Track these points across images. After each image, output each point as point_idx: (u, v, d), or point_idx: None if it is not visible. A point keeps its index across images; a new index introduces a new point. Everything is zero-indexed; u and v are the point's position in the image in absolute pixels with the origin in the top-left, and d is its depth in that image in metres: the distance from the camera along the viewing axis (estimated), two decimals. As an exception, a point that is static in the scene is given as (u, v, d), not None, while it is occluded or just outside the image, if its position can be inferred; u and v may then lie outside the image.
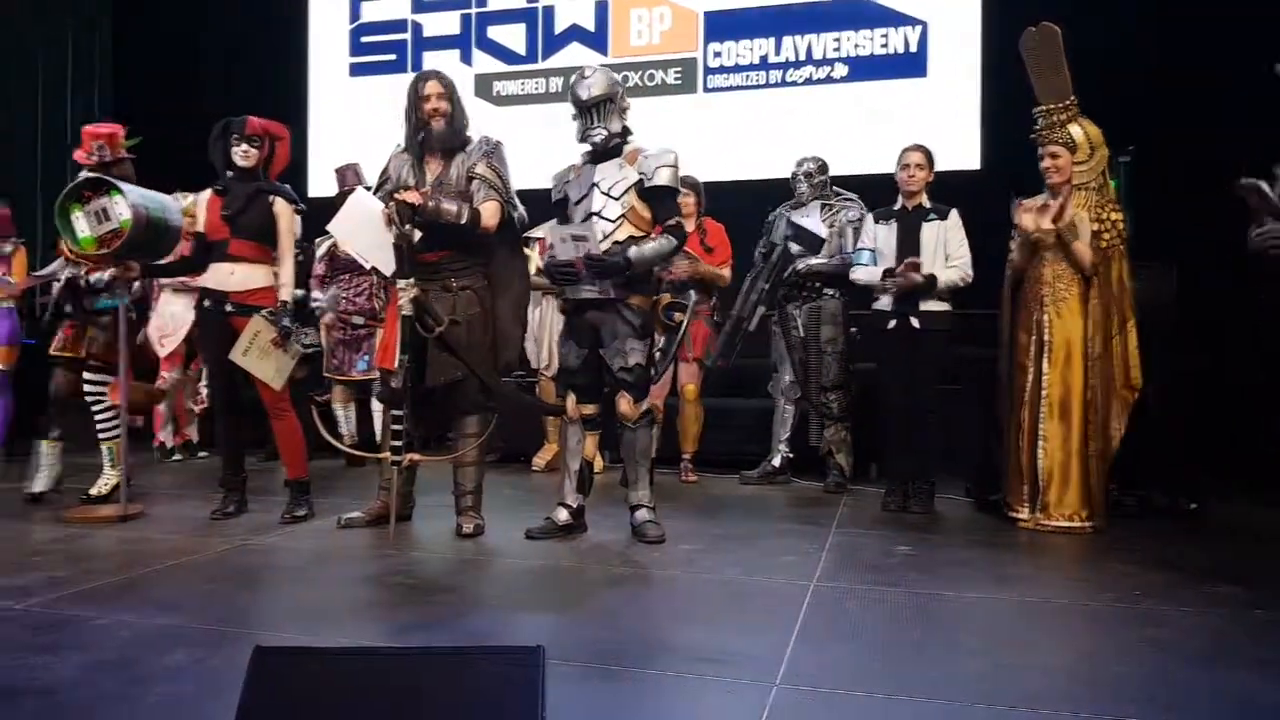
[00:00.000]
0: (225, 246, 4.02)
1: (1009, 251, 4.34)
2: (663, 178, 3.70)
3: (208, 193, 4.11)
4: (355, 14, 7.71)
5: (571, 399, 3.82)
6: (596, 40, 7.13)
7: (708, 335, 5.26)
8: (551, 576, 3.24)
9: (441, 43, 7.50)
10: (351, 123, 7.46)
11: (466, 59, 7.42)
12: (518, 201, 3.90)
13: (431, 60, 7.45)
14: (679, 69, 6.92)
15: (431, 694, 1.44)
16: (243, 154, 4.05)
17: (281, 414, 4.11)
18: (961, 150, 6.19)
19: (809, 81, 6.67)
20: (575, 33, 7.19)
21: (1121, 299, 4.10)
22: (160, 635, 2.46)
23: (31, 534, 3.78)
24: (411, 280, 3.67)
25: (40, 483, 4.37)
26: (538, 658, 1.47)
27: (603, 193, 3.73)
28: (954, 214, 4.45)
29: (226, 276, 4.02)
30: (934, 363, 4.46)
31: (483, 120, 6.52)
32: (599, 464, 5.58)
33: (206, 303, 4.07)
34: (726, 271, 5.26)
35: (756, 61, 6.78)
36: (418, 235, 3.66)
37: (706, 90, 6.87)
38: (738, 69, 6.82)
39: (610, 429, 3.93)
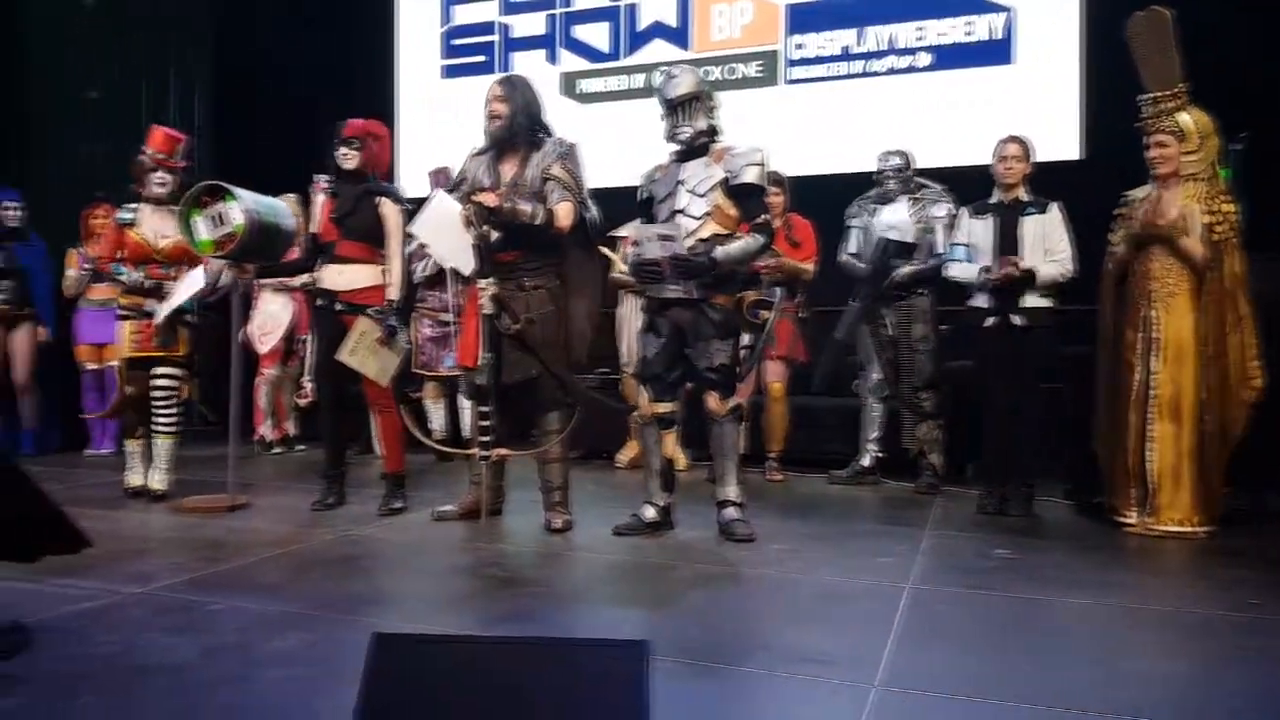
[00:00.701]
0: (334, 247, 4.15)
1: (1110, 245, 4.22)
2: (750, 175, 3.70)
3: (321, 196, 4.27)
4: (447, 17, 7.85)
5: (644, 396, 3.84)
6: (678, 36, 7.13)
7: (793, 332, 5.22)
8: (641, 572, 3.26)
9: (528, 43, 7.59)
10: (443, 124, 7.59)
11: (552, 58, 7.50)
12: (590, 202, 3.94)
13: (519, 60, 7.56)
14: (760, 62, 6.88)
15: (542, 683, 1.46)
16: (344, 156, 4.17)
17: (385, 409, 4.23)
18: (1056, 139, 6.00)
19: (892, 71, 6.56)
20: (657, 29, 7.20)
21: (1236, 293, 3.93)
22: (272, 620, 2.56)
23: (150, 524, 3.95)
24: (491, 279, 3.74)
25: (135, 478, 4.49)
26: (644, 652, 1.49)
27: (688, 190, 3.74)
28: (1055, 207, 4.33)
29: (336, 276, 4.16)
30: (1035, 361, 4.34)
31: (567, 118, 6.64)
32: (682, 462, 5.59)
33: (320, 301, 4.23)
34: (811, 267, 5.21)
35: (838, 53, 6.70)
36: (495, 235, 3.72)
37: (788, 82, 6.81)
38: (819, 60, 6.75)
39: (694, 427, 3.94)
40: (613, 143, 6.13)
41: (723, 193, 3.71)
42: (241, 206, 3.86)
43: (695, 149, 3.78)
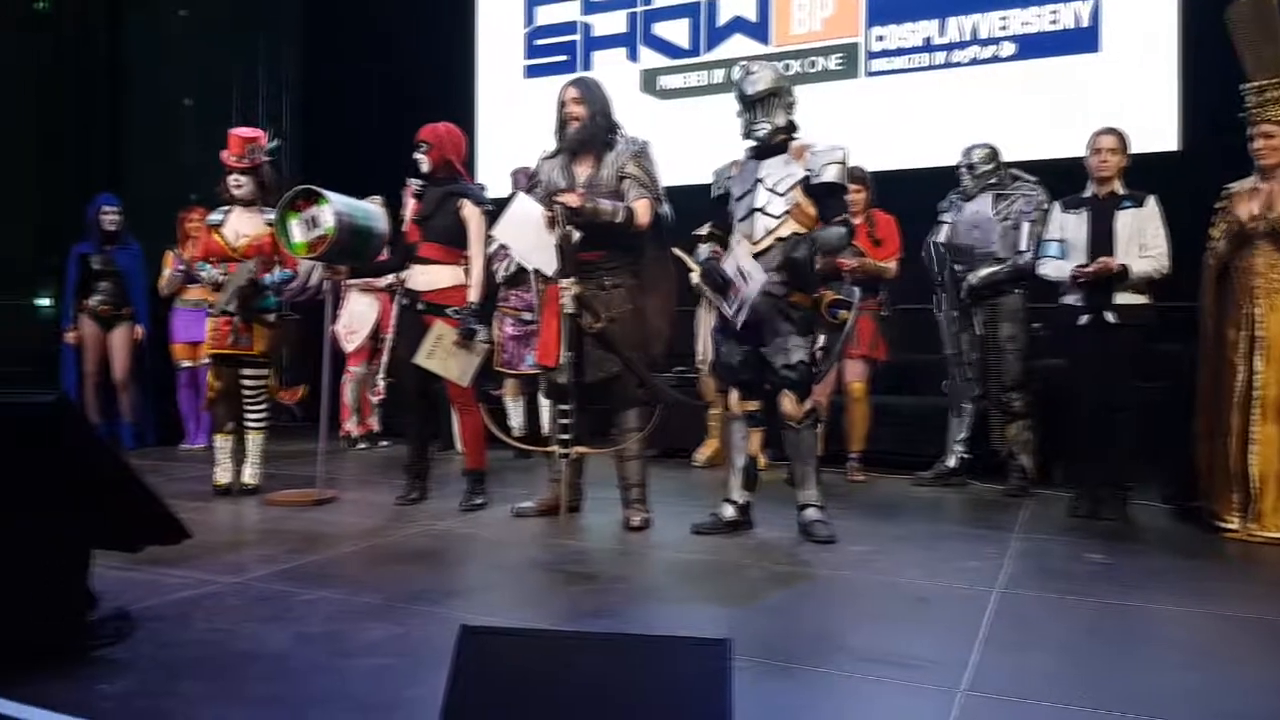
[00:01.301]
0: (416, 249, 4.24)
1: (1210, 240, 4.05)
2: (830, 174, 3.65)
3: (411, 199, 4.36)
4: (530, 18, 7.95)
5: (734, 395, 3.82)
6: (758, 30, 7.10)
7: (874, 331, 5.15)
8: (719, 571, 3.24)
9: (609, 41, 7.64)
10: (524, 124, 7.67)
11: (633, 56, 7.53)
12: (665, 199, 3.95)
13: (600, 59, 7.61)
14: (841, 54, 6.80)
15: (624, 679, 1.47)
16: (418, 160, 4.26)
17: (466, 408, 4.30)
18: (1150, 129, 5.78)
19: (974, 62, 6.42)
20: (738, 24, 7.18)
21: (1347, 290, 3.75)
22: (360, 611, 2.62)
23: (241, 517, 4.08)
24: (573, 279, 3.76)
25: (223, 475, 4.58)
26: (726, 650, 1.48)
27: (767, 189, 3.71)
28: (1152, 201, 4.18)
29: (419, 277, 4.24)
30: (1130, 360, 4.19)
31: (648, 114, 6.66)
32: (762, 461, 5.56)
33: (404, 301, 4.31)
34: (893, 265, 5.13)
35: (920, 44, 6.58)
36: (578, 236, 3.75)
37: (869, 75, 6.72)
38: (900, 52, 6.64)
39: (774, 427, 3.91)
40: (692, 139, 6.12)
41: (802, 191, 3.68)
42: (333, 210, 3.96)
43: (773, 146, 3.75)
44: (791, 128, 3.79)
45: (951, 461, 5.06)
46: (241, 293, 4.39)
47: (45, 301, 7.89)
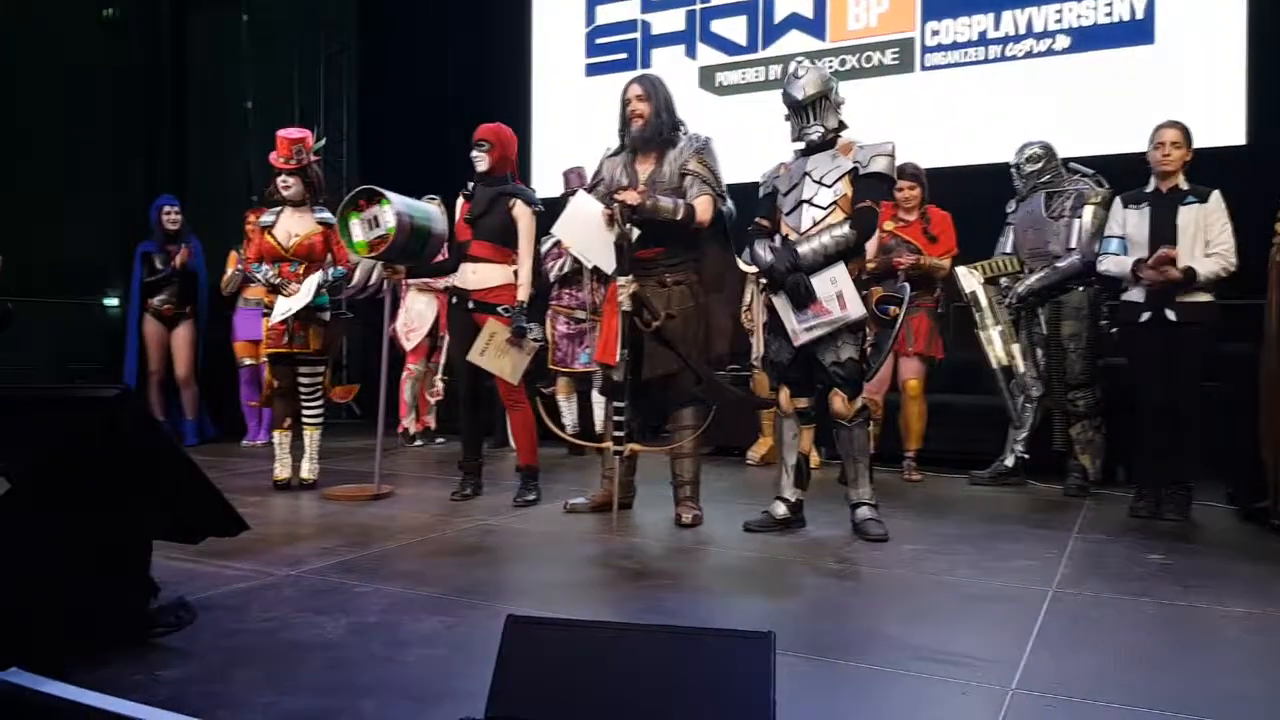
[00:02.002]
0: (467, 247, 4.29)
1: (1276, 236, 3.93)
2: (879, 165, 3.63)
3: (461, 198, 4.42)
4: (591, 17, 8.02)
5: (785, 392, 3.81)
6: (814, 27, 7.08)
7: (930, 328, 5.09)
8: (770, 568, 3.24)
9: (668, 39, 7.70)
10: (587, 122, 7.72)
11: (691, 53, 7.57)
12: (727, 195, 3.95)
13: (659, 56, 7.67)
14: (896, 49, 6.76)
15: (668, 670, 1.48)
16: (476, 159, 4.31)
17: (517, 405, 4.34)
18: (1211, 123, 5.62)
19: (1030, 55, 6.33)
20: (794, 20, 7.18)
21: None
22: (414, 603, 2.67)
23: (299, 511, 4.18)
24: (630, 277, 3.78)
25: (282, 470, 4.68)
26: (768, 643, 1.49)
27: (814, 180, 3.69)
28: (1215, 195, 4.07)
29: (469, 275, 4.29)
30: (1194, 358, 4.09)
31: (706, 111, 6.67)
32: (815, 459, 5.53)
33: (454, 300, 4.37)
34: (947, 263, 5.06)
35: (975, 38, 6.51)
36: (637, 233, 3.76)
37: (924, 69, 6.66)
38: (956, 46, 6.57)
39: (825, 425, 3.89)
40: (751, 135, 6.10)
41: (849, 183, 3.66)
42: (394, 210, 4.03)
43: (822, 144, 3.74)
44: (841, 127, 3.77)
45: (1009, 461, 4.98)
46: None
47: (113, 301, 8.16)
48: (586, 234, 3.85)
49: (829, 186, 3.67)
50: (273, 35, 8.37)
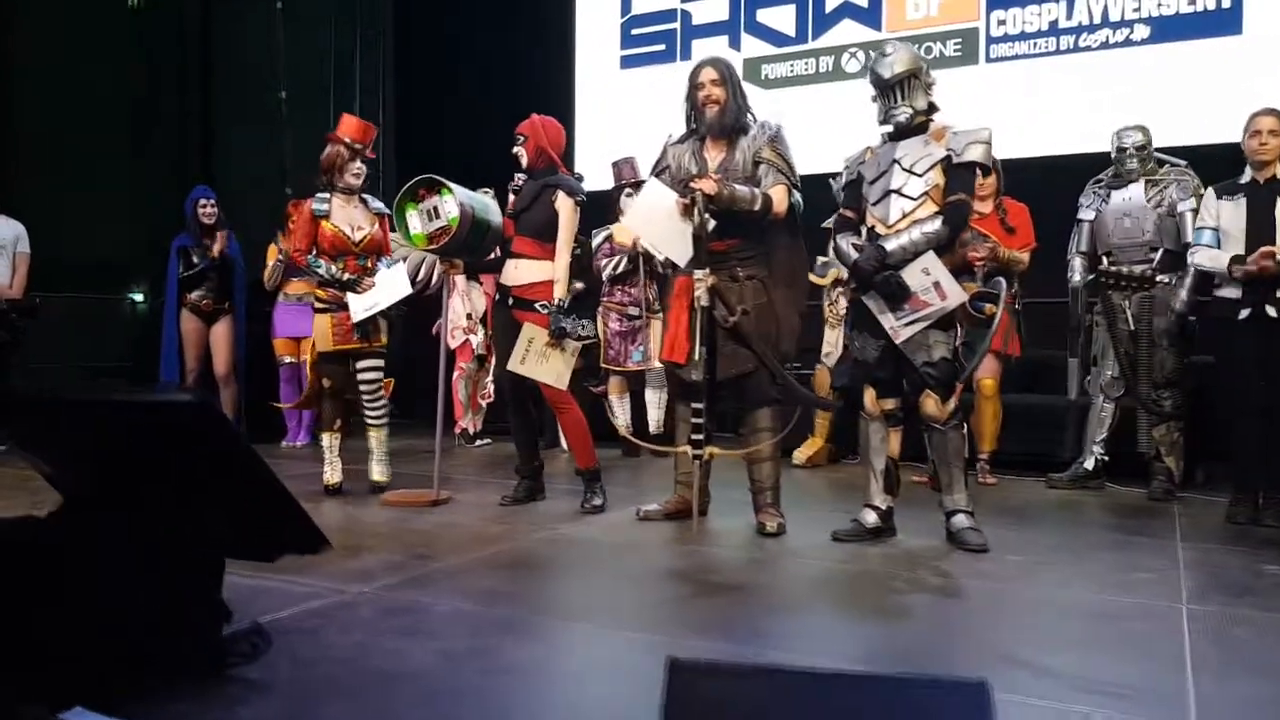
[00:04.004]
0: (510, 243, 4.08)
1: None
2: (974, 154, 3.42)
3: (511, 194, 4.22)
4: (626, 7, 7.76)
5: (870, 394, 3.58)
6: (869, 16, 6.79)
7: (1007, 324, 4.84)
8: (867, 583, 3.01)
9: (710, 30, 7.40)
10: (621, 115, 7.50)
11: (735, 44, 7.29)
12: (799, 186, 3.74)
13: (700, 48, 7.38)
14: (959, 40, 6.47)
15: (863, 725, 1.27)
16: (517, 154, 4.10)
17: (564, 408, 4.12)
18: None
19: (1105, 46, 6.04)
20: (847, 9, 6.88)
21: None
22: (500, 624, 2.46)
23: (358, 519, 3.95)
24: (707, 270, 3.57)
25: (334, 474, 4.47)
26: (986, 694, 1.27)
27: (904, 169, 3.47)
28: None
29: (512, 272, 4.09)
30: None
31: (753, 105, 6.38)
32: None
33: (497, 297, 4.17)
34: (1026, 256, 4.83)
35: (1045, 28, 6.21)
36: (713, 224, 3.55)
37: (989, 61, 6.38)
38: (1024, 36, 6.28)
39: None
40: (800, 130, 5.84)
41: (942, 171, 3.43)
42: (457, 199, 3.83)
43: (912, 129, 3.51)
44: (932, 109, 3.56)
45: (1089, 463, 4.75)
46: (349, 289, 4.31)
47: (138, 296, 7.99)
48: (660, 224, 3.63)
49: (920, 176, 3.45)
50: (306, 24, 8.17)
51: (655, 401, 5.77)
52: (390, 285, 4.31)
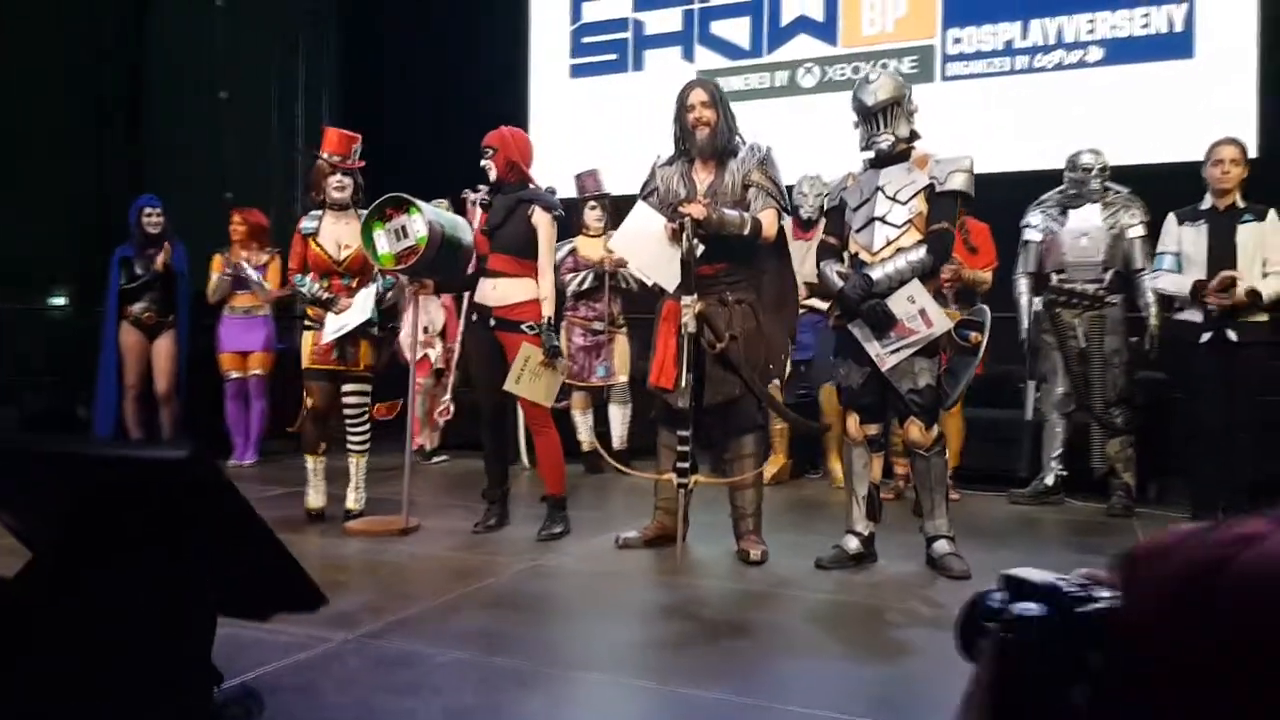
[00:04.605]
0: (486, 261, 3.98)
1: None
2: (957, 182, 3.45)
3: (478, 209, 4.10)
4: (576, 14, 7.64)
5: (854, 419, 3.58)
6: (825, 31, 6.79)
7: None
8: (860, 616, 3.00)
9: (663, 40, 7.31)
10: (571, 125, 7.39)
11: (689, 56, 7.22)
12: (789, 209, 3.76)
13: (653, 58, 7.31)
14: (915, 57, 6.51)
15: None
16: (485, 167, 4.00)
17: (543, 430, 4.04)
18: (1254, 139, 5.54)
19: (1059, 67, 6.15)
20: (802, 24, 6.87)
21: None
22: (504, 677, 2.37)
23: (325, 551, 3.80)
24: (695, 296, 3.53)
25: (316, 498, 4.33)
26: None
27: (888, 197, 3.48)
28: (1273, 214, 4.04)
29: (489, 291, 3.98)
30: (1252, 378, 4.02)
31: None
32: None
33: (474, 317, 4.05)
34: (989, 275, 4.90)
35: (1001, 47, 6.30)
36: (701, 249, 3.51)
37: (945, 79, 6.45)
38: (979, 55, 6.35)
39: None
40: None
41: (925, 199, 3.45)
42: (424, 219, 3.71)
43: (893, 155, 3.52)
44: (914, 136, 3.56)
45: (1050, 479, 4.83)
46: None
47: (59, 301, 7.62)
48: (648, 248, 3.58)
49: (904, 204, 3.45)
50: (247, 21, 7.87)
51: (619, 417, 5.71)
52: (359, 307, 4.18)
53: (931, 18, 6.44)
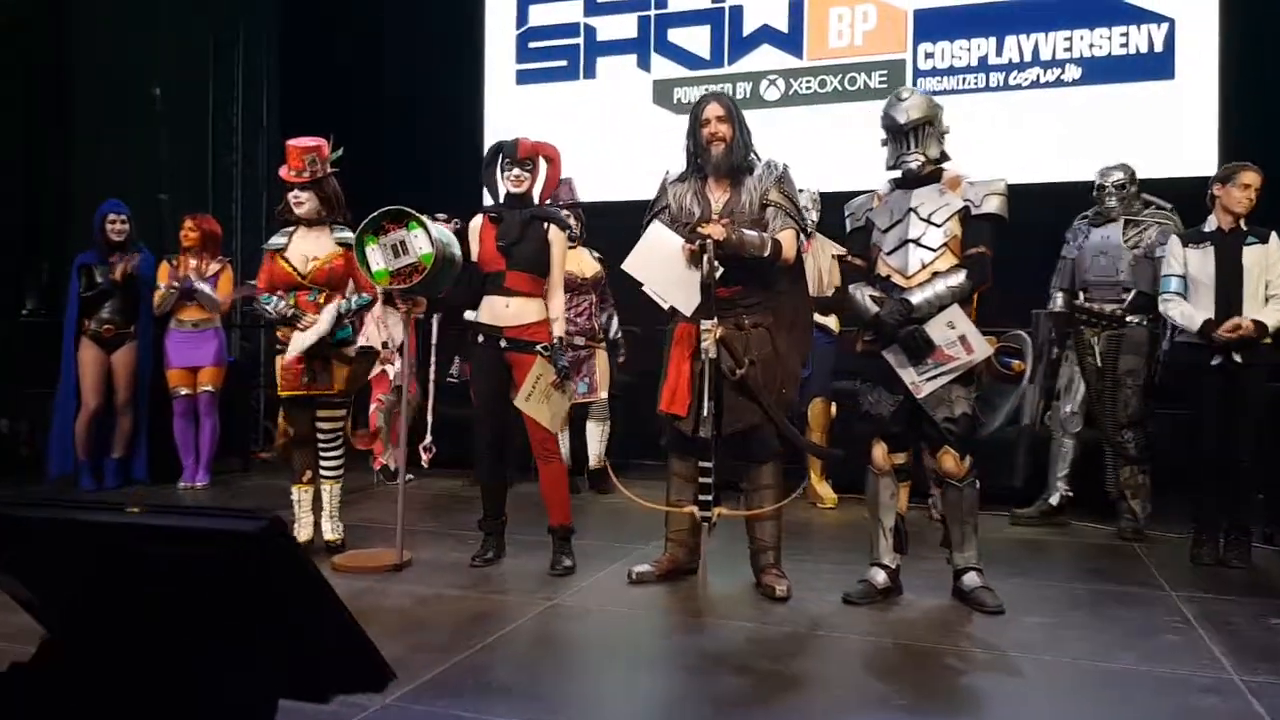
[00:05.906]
0: (501, 279, 3.75)
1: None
2: (991, 205, 3.37)
3: (479, 219, 3.87)
4: (523, 18, 7.36)
5: (881, 448, 3.46)
6: (790, 42, 6.68)
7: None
8: (908, 659, 2.85)
9: (617, 47, 7.09)
10: (519, 133, 7.13)
11: (644, 64, 7.03)
12: (808, 229, 3.60)
13: (606, 66, 7.10)
14: (884, 72, 6.46)
15: None
16: (514, 180, 3.79)
17: (549, 457, 3.83)
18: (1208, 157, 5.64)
19: (1035, 85, 6.16)
20: (766, 34, 6.75)
21: None
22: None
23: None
24: (715, 320, 3.37)
25: (305, 530, 4.07)
26: None
27: (922, 219, 3.38)
28: (1274, 236, 4.04)
29: (502, 310, 3.75)
30: (1255, 402, 4.04)
31: (662, 129, 6.15)
32: (833, 499, 5.23)
33: (480, 338, 3.81)
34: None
35: (974, 63, 6.28)
36: (720, 271, 3.35)
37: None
38: (953, 71, 6.33)
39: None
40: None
41: (960, 222, 3.36)
42: (431, 235, 3.46)
43: (922, 176, 3.42)
44: (943, 157, 3.47)
45: (1054, 499, 4.80)
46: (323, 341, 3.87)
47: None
48: (663, 270, 3.40)
49: (939, 226, 3.35)
50: (181, 15, 7.40)
51: (597, 435, 5.52)
52: (317, 324, 3.90)
53: (902, 32, 6.39)
